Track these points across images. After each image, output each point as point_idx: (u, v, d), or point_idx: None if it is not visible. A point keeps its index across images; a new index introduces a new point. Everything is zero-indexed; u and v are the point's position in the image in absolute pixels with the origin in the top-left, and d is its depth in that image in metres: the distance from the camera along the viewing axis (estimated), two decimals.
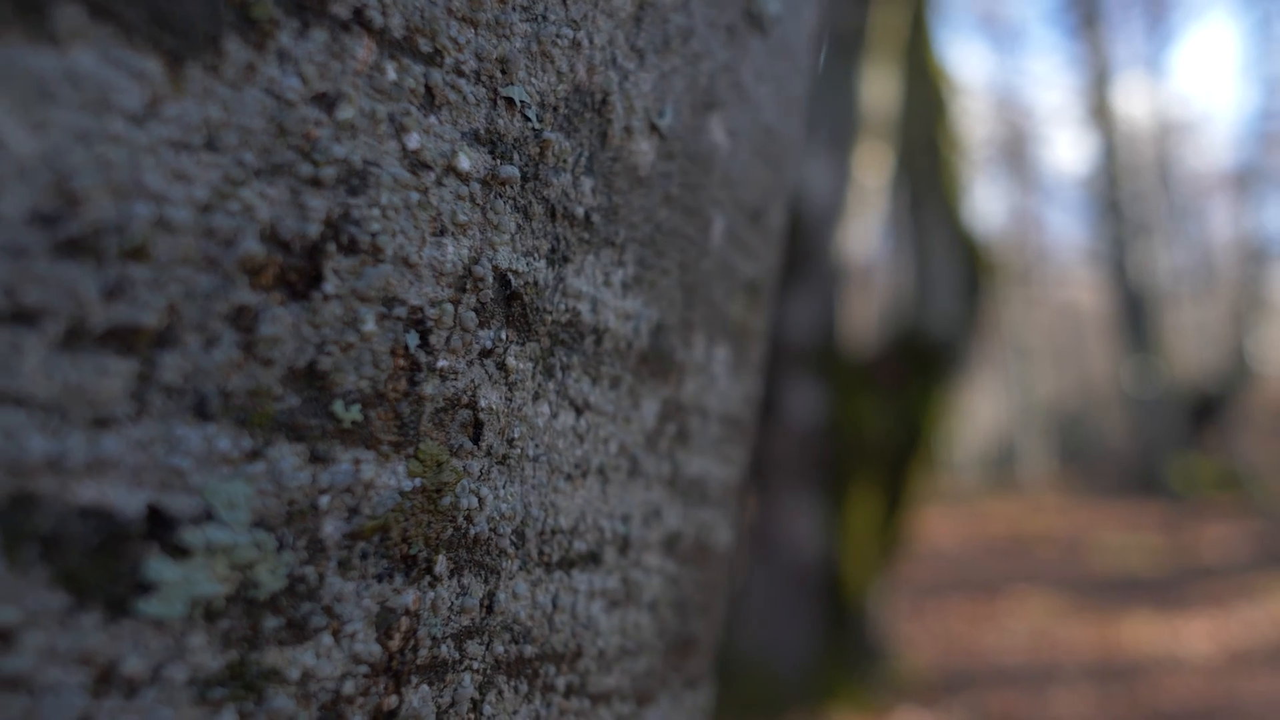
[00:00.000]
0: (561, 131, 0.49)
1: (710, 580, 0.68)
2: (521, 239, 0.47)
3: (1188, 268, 29.10)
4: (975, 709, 6.06)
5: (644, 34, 0.53)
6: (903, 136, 7.65)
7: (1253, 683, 6.46)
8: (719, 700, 5.75)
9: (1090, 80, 20.13)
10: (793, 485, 6.32)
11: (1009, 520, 16.76)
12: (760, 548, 6.39)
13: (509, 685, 0.49)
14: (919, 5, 7.90)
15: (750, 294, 0.68)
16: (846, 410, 6.39)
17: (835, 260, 6.54)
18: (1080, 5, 20.54)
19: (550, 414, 0.50)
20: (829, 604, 6.26)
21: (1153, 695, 6.29)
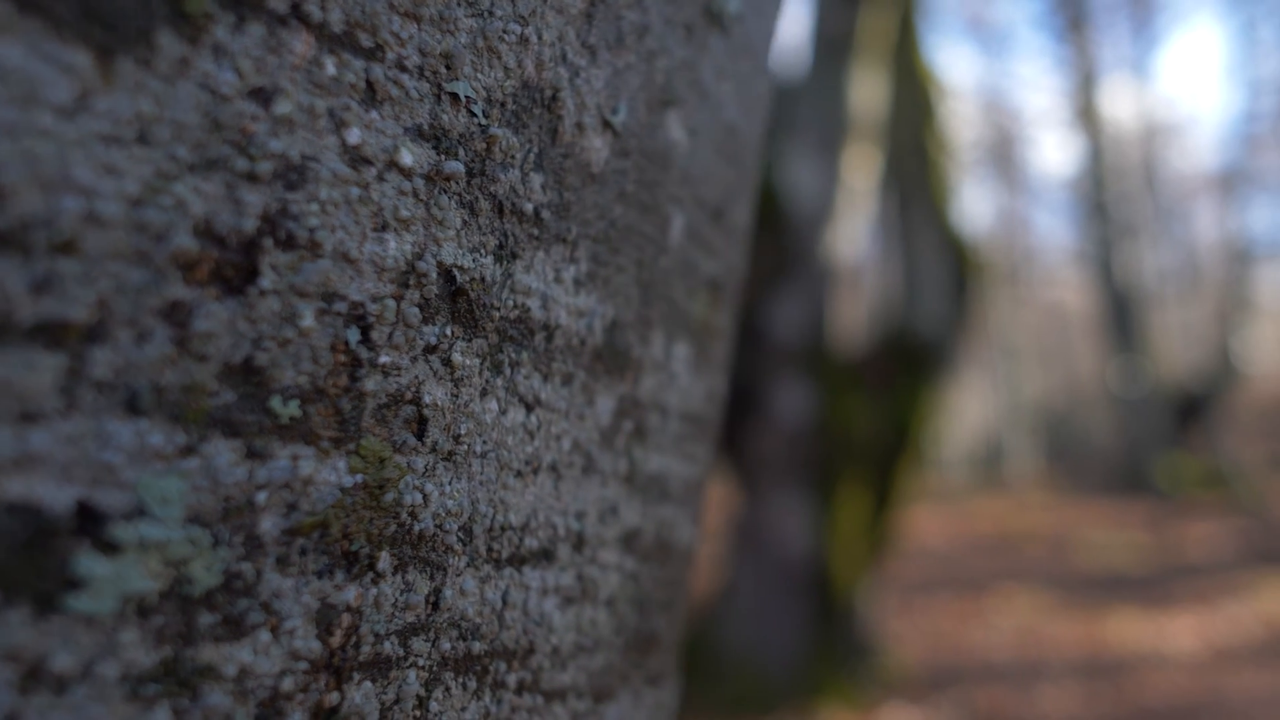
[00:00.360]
0: (509, 127, 0.48)
1: (672, 577, 0.68)
2: (467, 235, 0.47)
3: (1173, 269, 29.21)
4: (963, 705, 6.07)
5: (596, 30, 0.52)
6: (891, 138, 7.66)
7: (1237, 679, 6.48)
8: (709, 697, 5.75)
9: (1077, 83, 20.17)
10: (782, 484, 6.32)
11: (996, 518, 16.78)
12: (749, 546, 6.39)
13: (457, 682, 0.48)
14: (907, 8, 7.90)
15: (713, 292, 0.67)
16: (835, 409, 6.39)
17: (824, 261, 6.54)
18: (1067, 9, 20.58)
19: (499, 410, 0.49)
20: (818, 601, 6.26)
21: (1138, 691, 6.30)
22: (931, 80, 8.03)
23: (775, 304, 6.45)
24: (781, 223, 6.52)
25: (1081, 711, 5.95)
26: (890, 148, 7.67)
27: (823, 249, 6.56)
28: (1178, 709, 5.86)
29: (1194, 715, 5.72)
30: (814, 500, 6.31)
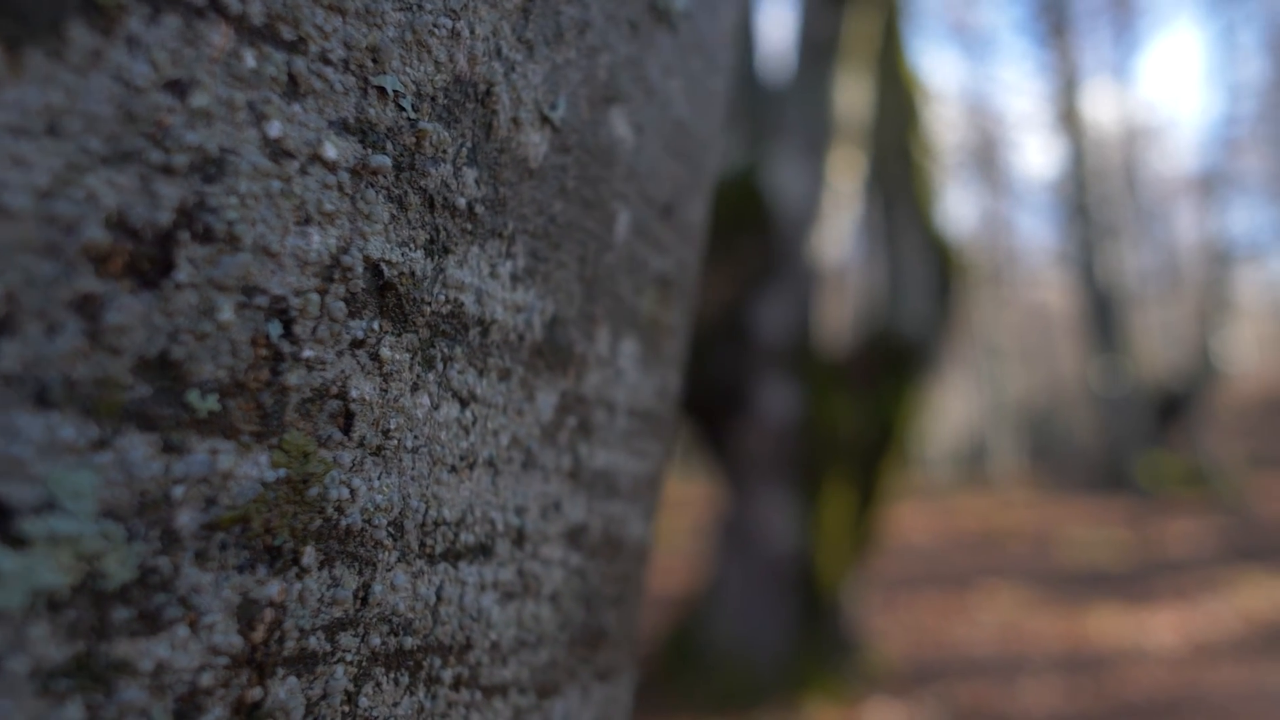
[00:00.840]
0: (440, 122, 0.48)
1: (623, 573, 0.67)
2: (396, 229, 0.46)
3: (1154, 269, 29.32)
4: (945, 699, 6.07)
5: (533, 26, 0.51)
6: (876, 142, 7.67)
7: (1216, 674, 6.49)
8: (696, 691, 5.74)
9: (1059, 87, 20.20)
10: (768, 481, 6.32)
11: (979, 515, 16.81)
12: (736, 543, 6.39)
13: (388, 677, 0.47)
14: (891, 13, 7.91)
15: (662, 288, 0.67)
16: (820, 408, 6.39)
17: (810, 262, 6.55)
18: (1049, 14, 20.62)
19: (431, 405, 0.48)
20: (803, 597, 6.26)
21: (1119, 686, 6.30)
22: (915, 84, 8.05)
23: (761, 304, 6.46)
24: (767, 224, 6.52)
25: (1063, 706, 5.95)
26: (875, 151, 7.68)
27: (808, 250, 6.56)
28: (1158, 703, 5.87)
29: (1174, 709, 5.73)
30: (799, 498, 6.31)
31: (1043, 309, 34.13)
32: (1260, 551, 12.17)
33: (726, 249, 6.51)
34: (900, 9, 8.05)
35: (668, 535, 14.55)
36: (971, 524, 16.08)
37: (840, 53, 6.91)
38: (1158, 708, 5.77)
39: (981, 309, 26.78)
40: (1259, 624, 8.03)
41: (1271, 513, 16.26)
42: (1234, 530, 13.63)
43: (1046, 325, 34.21)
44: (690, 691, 5.96)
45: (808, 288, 6.59)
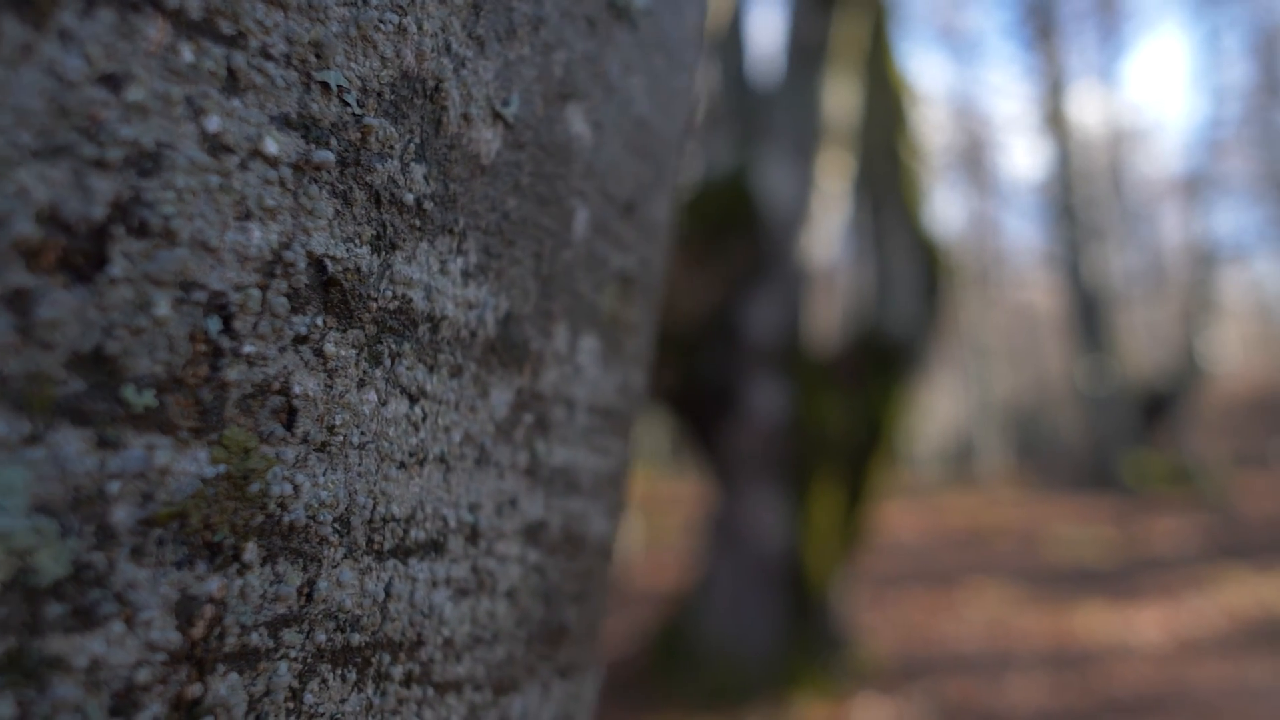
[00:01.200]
0: (387, 117, 0.47)
1: (584, 570, 0.66)
2: (341, 225, 0.45)
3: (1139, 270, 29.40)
4: (933, 695, 6.07)
5: (484, 22, 0.51)
6: (864, 144, 7.67)
7: (1201, 670, 6.50)
8: (687, 687, 5.74)
9: (1045, 90, 20.25)
10: (757, 479, 6.33)
11: (967, 513, 16.83)
12: (726, 540, 6.39)
13: (334, 674, 0.46)
14: (880, 17, 7.92)
15: (623, 285, 0.66)
16: (809, 407, 6.39)
17: (799, 262, 6.55)
18: (1036, 18, 20.66)
19: (378, 401, 0.48)
20: (792, 594, 6.26)
21: (1104, 682, 6.31)
22: (903, 87, 8.05)
23: (751, 304, 6.46)
24: (757, 225, 6.52)
25: (1049, 702, 5.96)
26: (863, 153, 7.69)
27: (797, 251, 6.57)
28: (1143, 699, 5.88)
29: (1159, 705, 5.74)
30: (789, 496, 6.31)
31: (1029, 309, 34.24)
32: (1244, 549, 12.19)
33: (716, 249, 6.51)
34: (888, 12, 8.05)
35: (658, 533, 14.55)
36: (959, 522, 16.10)
37: (829, 56, 6.91)
38: (1143, 703, 5.78)
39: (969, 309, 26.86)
40: (1243, 620, 8.05)
41: (1255, 511, 16.30)
42: (1218, 528, 13.66)
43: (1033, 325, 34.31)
44: (681, 687, 5.96)
45: (797, 288, 6.59)
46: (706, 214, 6.67)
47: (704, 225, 6.62)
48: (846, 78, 7.12)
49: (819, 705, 5.79)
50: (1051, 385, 31.26)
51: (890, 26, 8.07)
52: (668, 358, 6.32)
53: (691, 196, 6.89)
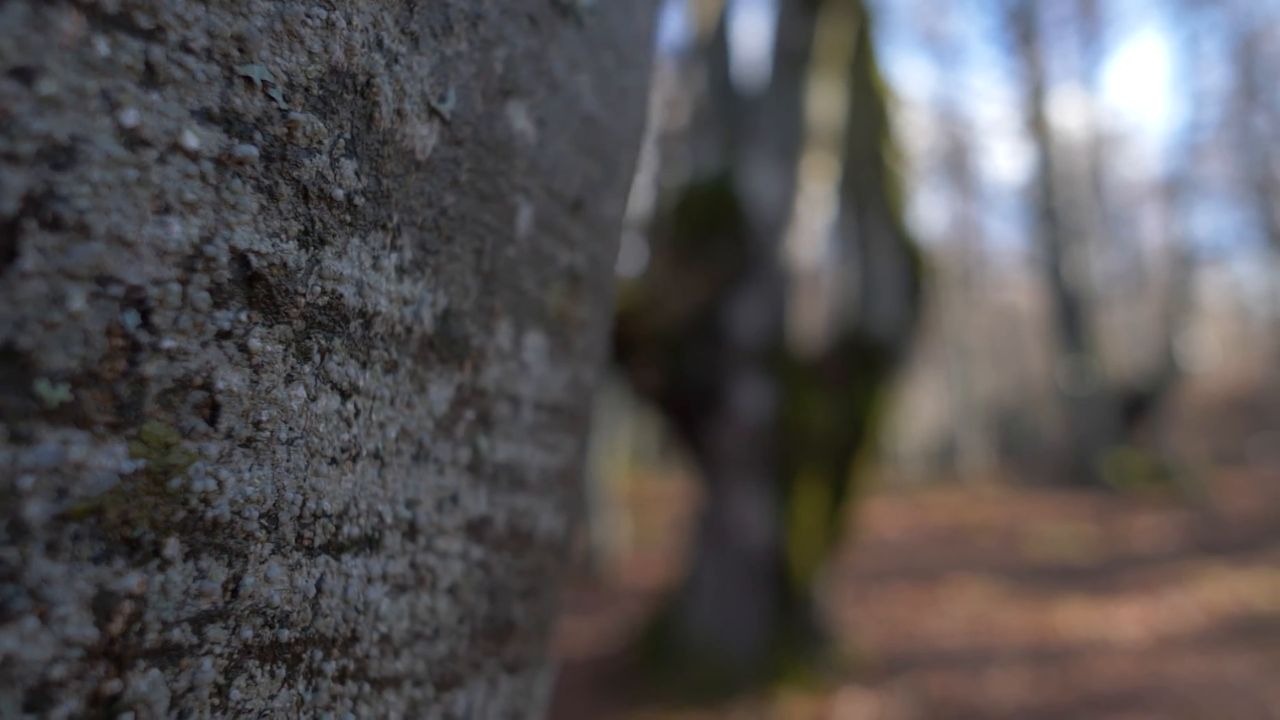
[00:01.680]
0: (315, 112, 0.46)
1: (533, 566, 0.65)
2: (266, 219, 0.44)
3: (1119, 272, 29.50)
4: (916, 690, 6.08)
5: (418, 18, 0.50)
6: (848, 147, 7.68)
7: (1179, 665, 6.52)
8: (673, 683, 5.73)
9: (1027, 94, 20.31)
10: (743, 477, 6.33)
11: (950, 511, 16.87)
12: (712, 537, 6.39)
13: (262, 669, 0.46)
14: (864, 23, 7.92)
15: (571, 283, 0.65)
16: (794, 406, 6.40)
17: (784, 264, 6.55)
18: (1018, 23, 20.71)
19: (307, 397, 0.47)
20: (777, 590, 6.26)
21: (1085, 677, 6.33)
22: (887, 91, 8.06)
23: (737, 305, 6.46)
24: (743, 227, 6.53)
25: (1030, 696, 5.97)
26: (847, 156, 7.69)
27: (782, 253, 6.57)
28: (1122, 694, 5.89)
29: (1138, 699, 5.76)
30: (774, 493, 6.31)
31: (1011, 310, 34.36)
32: (1222, 546, 12.24)
33: (703, 251, 6.51)
34: (872, 18, 8.06)
35: (646, 530, 14.55)
36: (942, 519, 16.13)
37: (813, 61, 6.91)
38: (1122, 698, 5.79)
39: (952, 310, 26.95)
40: (1220, 616, 8.07)
41: (1233, 508, 16.36)
42: (1197, 525, 13.71)
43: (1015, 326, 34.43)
44: (667, 682, 5.95)
45: (782, 289, 6.59)
46: (693, 216, 6.67)
47: (691, 227, 6.62)
48: (831, 82, 7.12)
49: (803, 700, 5.79)
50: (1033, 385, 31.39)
51: (874, 32, 8.08)
52: (655, 357, 6.32)
53: (678, 199, 6.88)
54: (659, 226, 6.87)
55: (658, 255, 6.52)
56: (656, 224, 6.95)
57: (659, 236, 6.69)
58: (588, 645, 7.42)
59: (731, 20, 8.08)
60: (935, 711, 5.63)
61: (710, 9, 7.91)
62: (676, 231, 6.65)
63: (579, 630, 8.07)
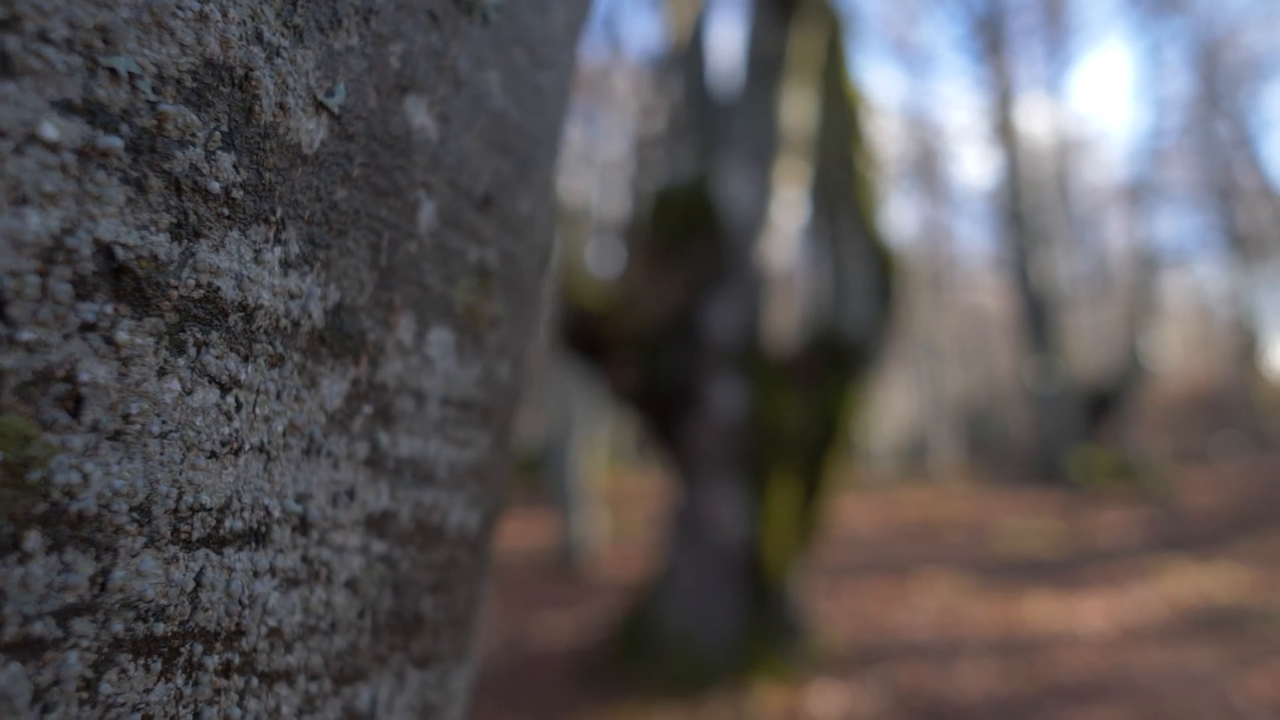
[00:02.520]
0: (187, 105, 0.45)
1: (444, 560, 0.64)
2: (134, 212, 0.43)
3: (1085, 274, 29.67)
4: (886, 680, 6.09)
5: (302, 11, 0.49)
6: (820, 153, 7.68)
7: (1143, 656, 6.55)
8: (650, 674, 5.72)
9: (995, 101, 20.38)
10: (717, 474, 6.32)
11: (919, 506, 16.91)
12: (687, 533, 6.38)
13: (136, 664, 0.44)
14: (836, 31, 7.93)
15: (481, 279, 0.64)
16: (768, 405, 6.40)
17: (757, 266, 6.55)
18: (985, 32, 20.78)
19: (182, 390, 0.45)
20: (751, 584, 6.26)
21: (1051, 668, 6.34)
22: (859, 98, 8.07)
23: (711, 307, 6.45)
24: (717, 231, 6.52)
25: (997, 687, 5.98)
26: (819, 161, 7.70)
27: (756, 255, 6.57)
28: (1087, 684, 5.91)
29: (1103, 690, 5.77)
30: (748, 490, 6.31)
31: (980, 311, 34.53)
32: (1184, 540, 12.31)
33: (679, 254, 6.51)
34: (843, 27, 8.07)
35: (624, 525, 14.54)
36: (912, 515, 16.16)
37: (786, 69, 6.92)
38: (1087, 688, 5.81)
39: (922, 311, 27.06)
40: (1183, 609, 8.11)
41: (1195, 504, 16.46)
42: (1160, 520, 13.78)
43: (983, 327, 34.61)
44: (644, 674, 5.94)
45: (756, 291, 6.59)
46: (669, 220, 6.67)
47: (667, 231, 6.62)
48: (803, 90, 7.13)
49: (776, 691, 5.78)
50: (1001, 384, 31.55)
51: (846, 40, 8.09)
52: (632, 357, 6.31)
53: (655, 203, 6.88)
54: (636, 230, 6.86)
55: (635, 258, 6.51)
56: (633, 227, 6.94)
57: (636, 239, 6.69)
58: (567, 637, 7.40)
59: (707, 29, 8.08)
60: (905, 702, 5.63)
61: (686, 19, 7.91)
62: (653, 235, 6.65)
63: (558, 623, 8.05)
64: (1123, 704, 5.44)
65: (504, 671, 6.42)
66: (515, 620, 8.09)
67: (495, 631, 7.70)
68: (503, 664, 6.61)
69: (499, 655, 6.88)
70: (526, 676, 6.36)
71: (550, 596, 9.30)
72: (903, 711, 5.47)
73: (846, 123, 7.79)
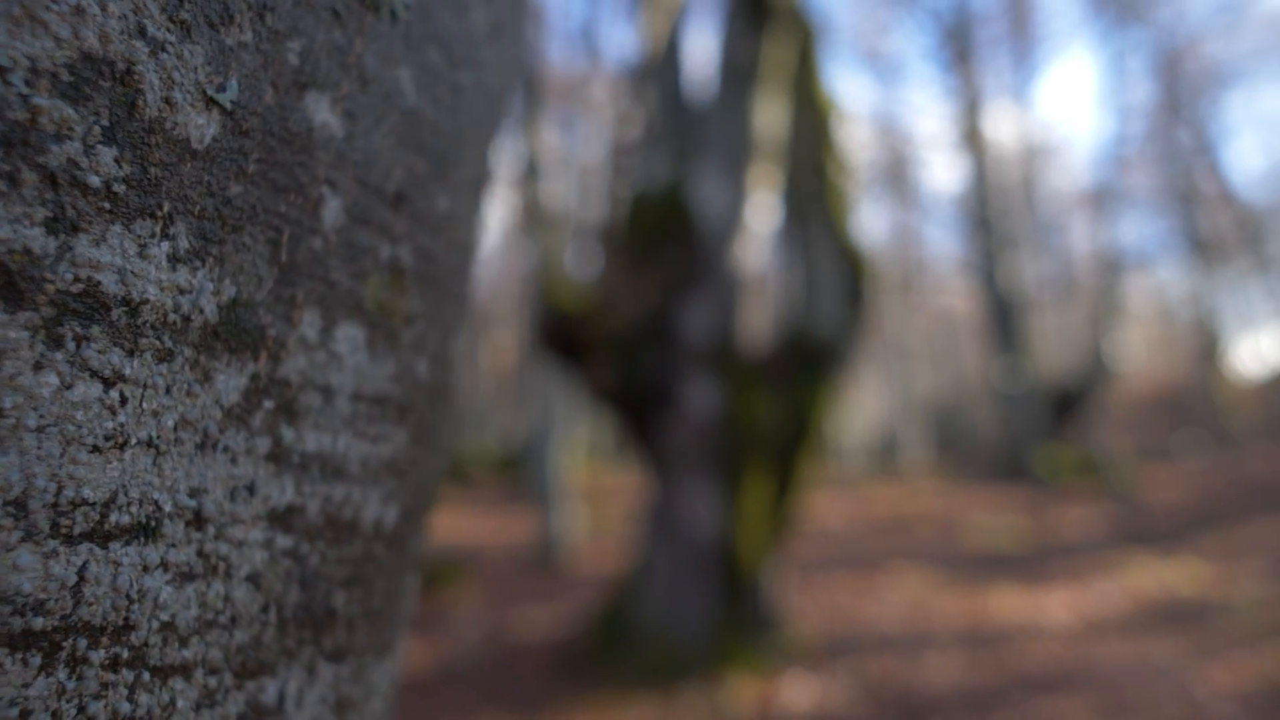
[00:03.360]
0: (64, 98, 0.43)
1: (359, 554, 0.63)
2: (6, 205, 0.41)
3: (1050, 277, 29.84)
4: (856, 672, 6.09)
5: (189, 6, 0.47)
6: (793, 159, 7.69)
7: (1106, 647, 6.57)
8: (626, 667, 5.71)
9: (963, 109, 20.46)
10: (693, 472, 6.32)
11: (889, 503, 16.96)
12: (663, 528, 6.37)
13: (12, 658, 0.43)
14: (808, 40, 7.94)
15: (394, 276, 0.63)
16: (741, 404, 6.39)
17: (731, 269, 6.55)
18: (954, 42, 20.86)
19: (61, 384, 0.44)
20: (725, 578, 6.26)
21: (1017, 660, 6.36)
22: (830, 106, 8.08)
23: (686, 308, 6.45)
24: (692, 235, 6.52)
25: (965, 678, 5.99)
26: (791, 167, 7.70)
27: (730, 259, 6.57)
28: (1052, 675, 5.92)
29: (1067, 681, 5.79)
30: (722, 486, 6.31)
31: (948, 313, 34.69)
32: (1147, 535, 12.38)
33: (654, 257, 6.50)
34: (815, 36, 8.08)
35: (602, 521, 14.51)
36: (882, 511, 16.20)
37: (759, 77, 6.92)
38: (1052, 680, 5.82)
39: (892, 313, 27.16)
40: (1145, 602, 8.15)
41: (1157, 500, 16.57)
42: (1123, 516, 13.86)
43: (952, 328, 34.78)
44: (620, 666, 5.93)
45: (730, 293, 6.59)
46: (645, 224, 6.66)
47: (643, 235, 6.61)
48: (776, 97, 7.13)
49: (750, 682, 5.78)
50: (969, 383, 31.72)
51: (818, 49, 8.10)
52: (609, 358, 6.30)
53: (631, 208, 6.87)
54: (613, 234, 6.85)
55: (611, 261, 6.50)
56: (610, 231, 6.93)
57: (613, 243, 6.68)
58: (545, 630, 7.38)
59: (681, 39, 8.08)
60: (874, 692, 5.64)
61: (661, 28, 7.90)
62: (629, 239, 6.64)
63: (537, 616, 8.03)
64: (1086, 694, 5.45)
65: (483, 663, 6.40)
66: (495, 613, 8.07)
67: (475, 624, 7.67)
68: (482, 656, 6.59)
69: (479, 648, 6.85)
70: (505, 668, 6.34)
71: (529, 590, 9.28)
72: (872, 702, 5.47)
73: (818, 129, 7.80)
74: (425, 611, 8.17)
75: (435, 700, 5.59)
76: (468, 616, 7.86)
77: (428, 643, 7.12)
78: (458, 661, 6.53)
